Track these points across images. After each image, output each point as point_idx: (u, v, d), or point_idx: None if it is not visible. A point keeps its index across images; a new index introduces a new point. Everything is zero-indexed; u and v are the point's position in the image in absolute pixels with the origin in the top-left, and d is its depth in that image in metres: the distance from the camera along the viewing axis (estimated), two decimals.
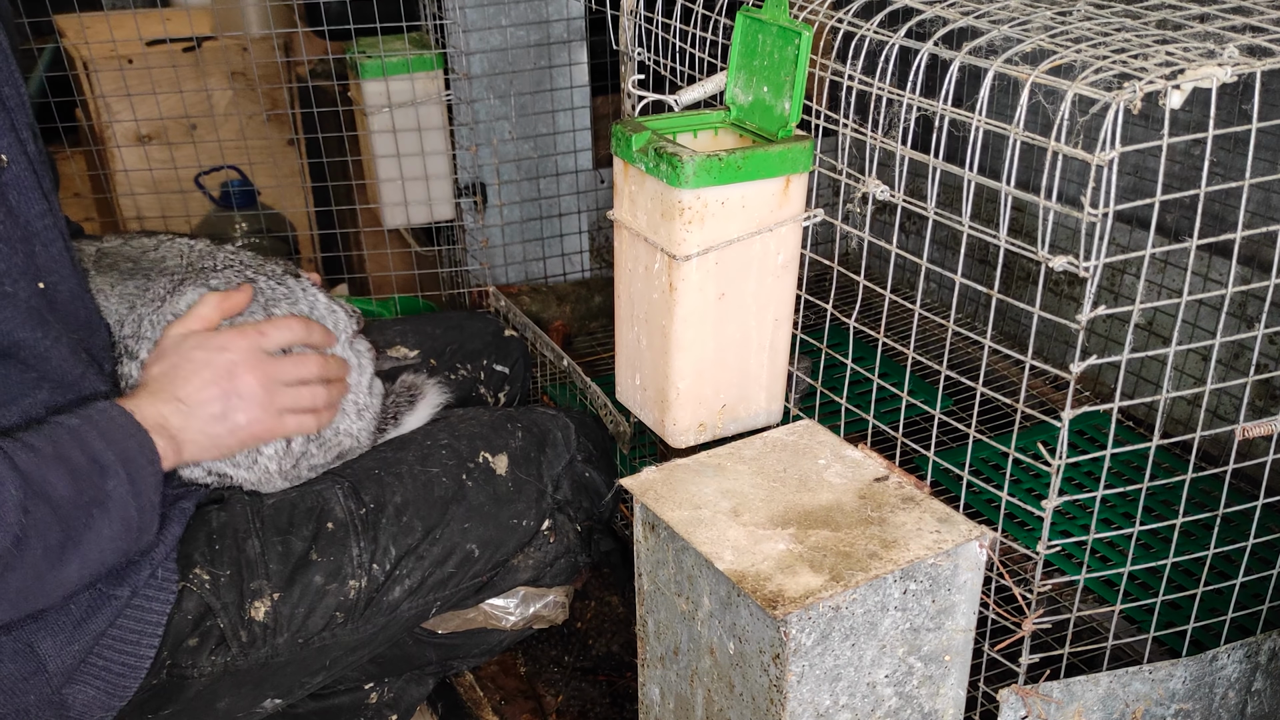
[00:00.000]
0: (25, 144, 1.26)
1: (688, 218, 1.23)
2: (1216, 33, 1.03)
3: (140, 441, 1.22)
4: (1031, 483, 1.94)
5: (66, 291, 1.29)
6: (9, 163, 1.21)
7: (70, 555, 1.14)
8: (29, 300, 1.20)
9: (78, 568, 1.15)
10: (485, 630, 1.53)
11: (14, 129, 1.25)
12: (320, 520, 1.37)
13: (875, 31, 1.18)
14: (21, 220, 1.22)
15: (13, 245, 1.19)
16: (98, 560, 1.17)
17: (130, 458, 1.20)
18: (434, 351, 1.77)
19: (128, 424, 1.22)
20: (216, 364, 1.31)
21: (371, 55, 2.34)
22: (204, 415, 1.29)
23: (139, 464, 1.20)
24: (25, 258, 1.21)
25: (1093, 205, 0.94)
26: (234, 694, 1.36)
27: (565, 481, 1.53)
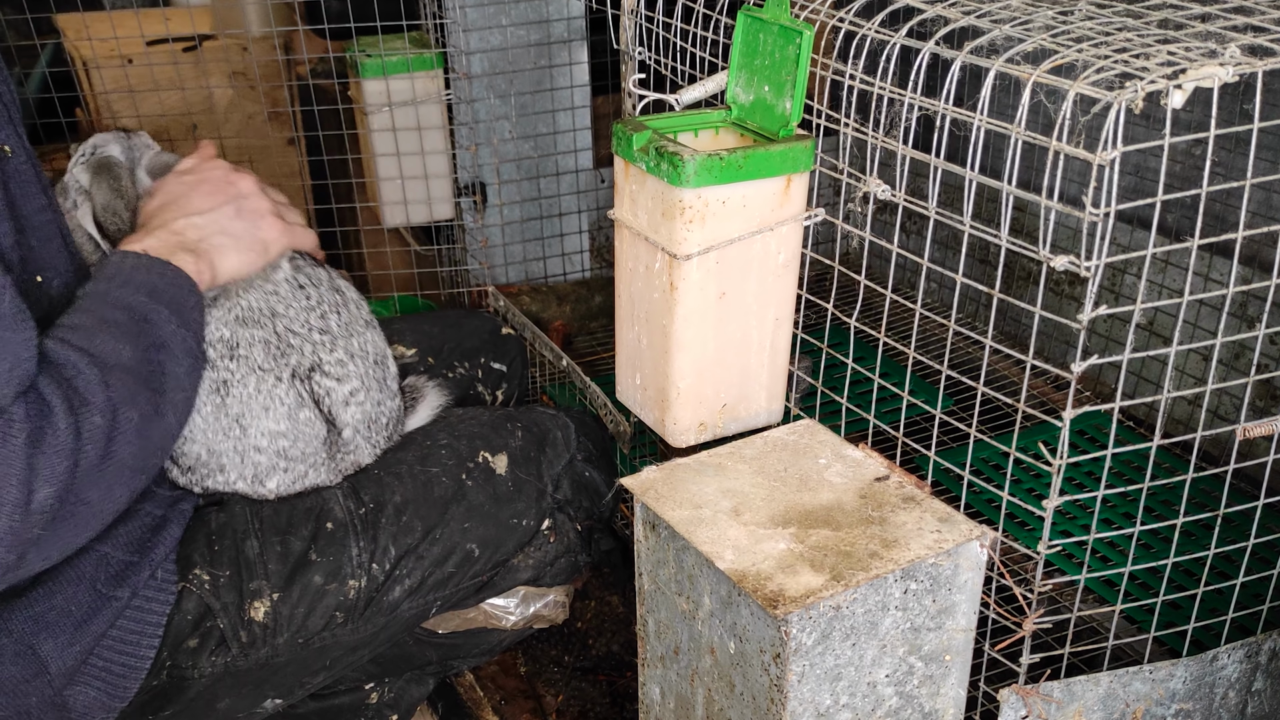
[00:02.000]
0: (24, 138, 1.27)
1: (688, 217, 1.22)
2: (1218, 32, 1.03)
3: (162, 272, 1.23)
4: (1032, 483, 1.94)
5: (60, 286, 1.29)
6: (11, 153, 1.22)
7: (163, 406, 1.17)
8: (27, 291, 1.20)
9: (172, 411, 1.19)
10: (485, 630, 1.53)
11: (12, 122, 1.25)
12: (319, 520, 1.36)
13: (876, 31, 1.18)
14: (20, 213, 1.22)
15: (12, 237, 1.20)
16: (185, 400, 1.21)
17: (160, 292, 1.21)
18: (431, 350, 1.77)
19: (141, 262, 1.22)
20: (212, 178, 1.34)
21: (371, 54, 2.34)
22: (219, 219, 1.31)
23: (173, 295, 1.22)
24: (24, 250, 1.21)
25: (1094, 205, 0.94)
26: (234, 694, 1.36)
27: (565, 481, 1.53)
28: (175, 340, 1.20)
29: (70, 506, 1.10)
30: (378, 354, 1.45)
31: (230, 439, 1.34)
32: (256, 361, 1.34)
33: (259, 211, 1.34)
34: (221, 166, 1.37)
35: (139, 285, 1.21)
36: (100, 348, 1.14)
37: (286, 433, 1.35)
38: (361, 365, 1.41)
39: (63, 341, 1.13)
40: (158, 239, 1.27)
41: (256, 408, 1.34)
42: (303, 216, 1.44)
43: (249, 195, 1.34)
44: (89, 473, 1.09)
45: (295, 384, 1.35)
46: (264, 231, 1.34)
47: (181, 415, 1.21)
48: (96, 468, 1.10)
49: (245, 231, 1.32)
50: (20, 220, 1.22)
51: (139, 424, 1.14)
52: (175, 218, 1.30)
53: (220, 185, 1.34)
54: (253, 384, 1.33)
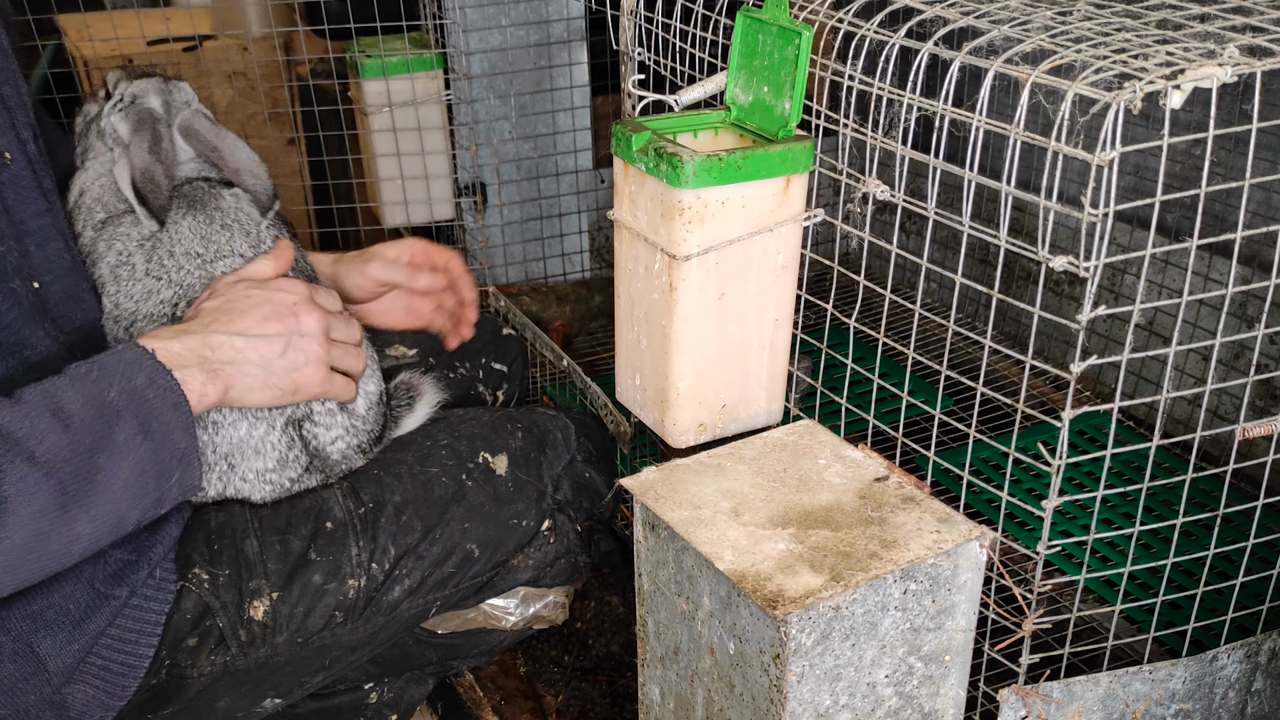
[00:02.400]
0: (25, 144, 1.26)
1: (688, 218, 1.23)
2: (1217, 33, 1.03)
3: (154, 379, 1.14)
4: (1032, 483, 1.94)
5: (60, 292, 1.29)
6: (10, 160, 1.21)
7: (74, 510, 1.07)
8: (27, 297, 1.20)
9: (88, 522, 1.08)
10: (485, 630, 1.53)
11: (14, 127, 1.24)
12: (319, 519, 1.37)
13: (875, 31, 1.18)
14: (16, 219, 1.22)
15: (7, 243, 1.19)
16: (113, 513, 1.10)
17: (137, 396, 1.12)
18: (432, 350, 1.77)
19: (138, 360, 1.14)
20: (279, 301, 1.25)
21: (371, 55, 2.35)
22: (264, 350, 1.23)
23: (153, 405, 1.13)
24: (19, 256, 1.21)
25: (1093, 205, 0.94)
26: (234, 694, 1.36)
27: (565, 482, 1.53)
28: (127, 450, 1.10)
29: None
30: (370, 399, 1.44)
31: (216, 471, 1.34)
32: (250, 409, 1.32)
33: (308, 355, 1.26)
34: (297, 291, 1.28)
35: (120, 382, 1.12)
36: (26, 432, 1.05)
37: (275, 469, 1.35)
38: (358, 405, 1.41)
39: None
40: (183, 344, 1.18)
41: (249, 450, 1.34)
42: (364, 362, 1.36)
43: (307, 334, 1.25)
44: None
45: (288, 430, 1.35)
46: (302, 376, 1.26)
47: (101, 529, 1.10)
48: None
49: (282, 372, 1.24)
50: (18, 226, 1.22)
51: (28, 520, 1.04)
52: (218, 331, 1.21)
53: (283, 313, 1.25)
54: (244, 429, 1.32)
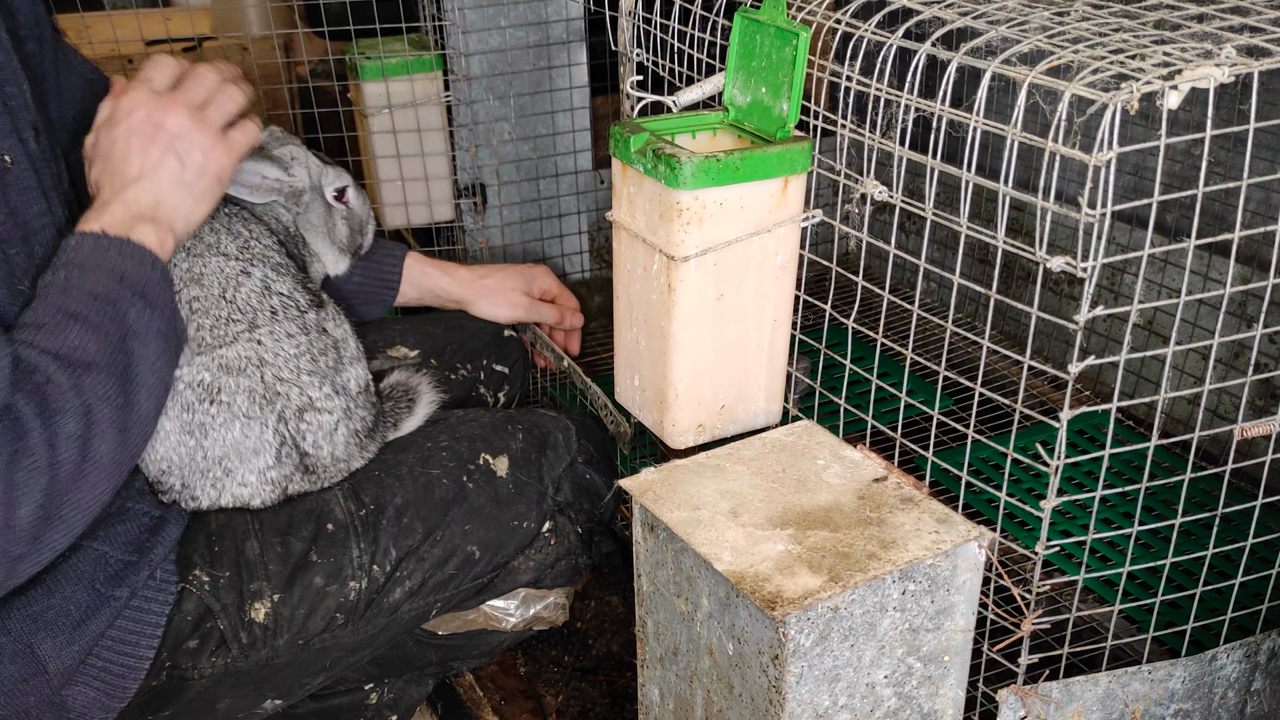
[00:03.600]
0: (27, 143, 1.26)
1: (686, 219, 1.23)
2: (1214, 33, 1.03)
3: (122, 251, 1.18)
4: (1031, 483, 1.94)
5: None
6: (12, 163, 1.21)
7: (136, 394, 1.15)
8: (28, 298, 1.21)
9: (147, 398, 1.17)
10: (485, 632, 1.53)
11: (15, 129, 1.25)
12: (320, 521, 1.37)
13: (873, 32, 1.18)
14: (21, 220, 1.22)
15: (14, 246, 1.20)
16: (159, 382, 1.19)
17: (123, 273, 1.17)
18: (434, 351, 1.77)
19: (100, 243, 1.18)
20: (136, 125, 1.26)
21: (371, 56, 2.35)
22: (166, 176, 1.25)
23: (136, 274, 1.18)
24: (25, 257, 1.22)
25: (1091, 205, 0.94)
26: (234, 695, 1.36)
27: (566, 483, 1.53)
28: (143, 323, 1.17)
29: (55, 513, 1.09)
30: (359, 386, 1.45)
31: (209, 479, 1.34)
32: (241, 409, 1.33)
33: (200, 147, 1.26)
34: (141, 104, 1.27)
35: (102, 270, 1.17)
36: (68, 346, 1.11)
37: (273, 465, 1.36)
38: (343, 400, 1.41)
39: (29, 345, 1.11)
40: (112, 214, 1.22)
41: (246, 451, 1.34)
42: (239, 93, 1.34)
43: (182, 134, 1.26)
44: (70, 479, 1.09)
45: (281, 427, 1.35)
46: (212, 164, 1.27)
47: (157, 398, 1.19)
48: (76, 472, 1.09)
49: (195, 178, 1.26)
50: (24, 228, 1.22)
51: (114, 419, 1.12)
52: (122, 186, 1.24)
53: (151, 133, 1.25)
54: (238, 429, 1.33)
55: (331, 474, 1.41)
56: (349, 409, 1.41)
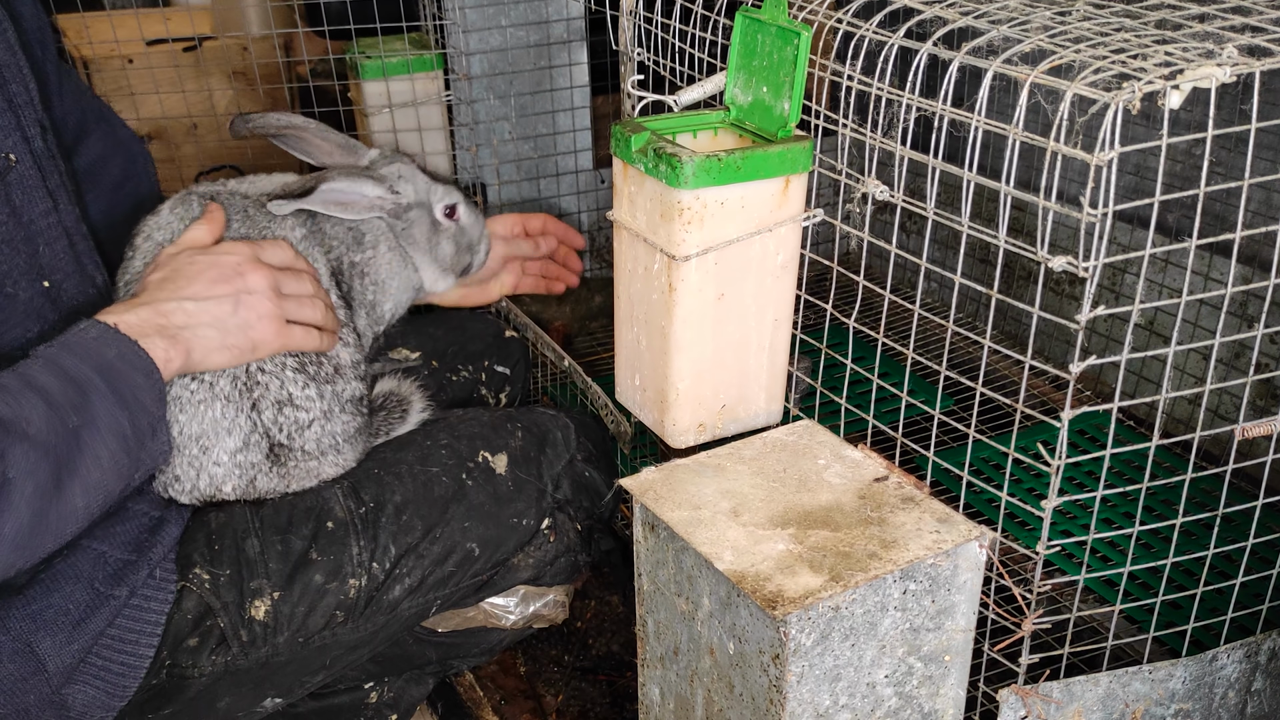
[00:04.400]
0: (32, 141, 1.26)
1: (687, 218, 1.22)
2: (1215, 33, 1.03)
3: (122, 350, 1.17)
4: (1032, 482, 1.94)
5: (72, 289, 1.29)
6: (16, 161, 1.21)
7: (68, 484, 1.11)
8: (29, 301, 1.21)
9: (81, 494, 1.12)
10: (485, 629, 1.54)
11: (20, 128, 1.25)
12: (320, 519, 1.37)
13: (875, 32, 1.18)
14: (25, 219, 1.22)
15: (15, 246, 1.20)
16: (101, 483, 1.14)
17: (109, 368, 1.15)
18: (435, 353, 1.77)
19: (104, 335, 1.17)
20: (223, 263, 1.29)
21: (372, 55, 2.35)
22: (215, 311, 1.26)
23: (123, 374, 1.16)
24: (28, 258, 1.21)
25: (1092, 205, 0.94)
26: (234, 693, 1.36)
27: (565, 481, 1.53)
28: (107, 420, 1.14)
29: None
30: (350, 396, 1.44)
31: (187, 456, 1.34)
32: (224, 390, 1.33)
33: (259, 312, 1.29)
34: (240, 252, 1.31)
35: (91, 357, 1.15)
36: (14, 413, 1.08)
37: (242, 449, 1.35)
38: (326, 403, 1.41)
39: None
40: (138, 316, 1.21)
41: (221, 431, 1.34)
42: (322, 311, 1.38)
43: (255, 291, 1.29)
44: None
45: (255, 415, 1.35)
46: (257, 332, 1.29)
47: (93, 499, 1.14)
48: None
49: (237, 330, 1.27)
50: (27, 228, 1.22)
51: (31, 500, 1.07)
52: (168, 298, 1.24)
53: (228, 274, 1.28)
54: (218, 409, 1.33)
55: (301, 472, 1.40)
56: (330, 412, 1.40)
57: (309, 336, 1.35)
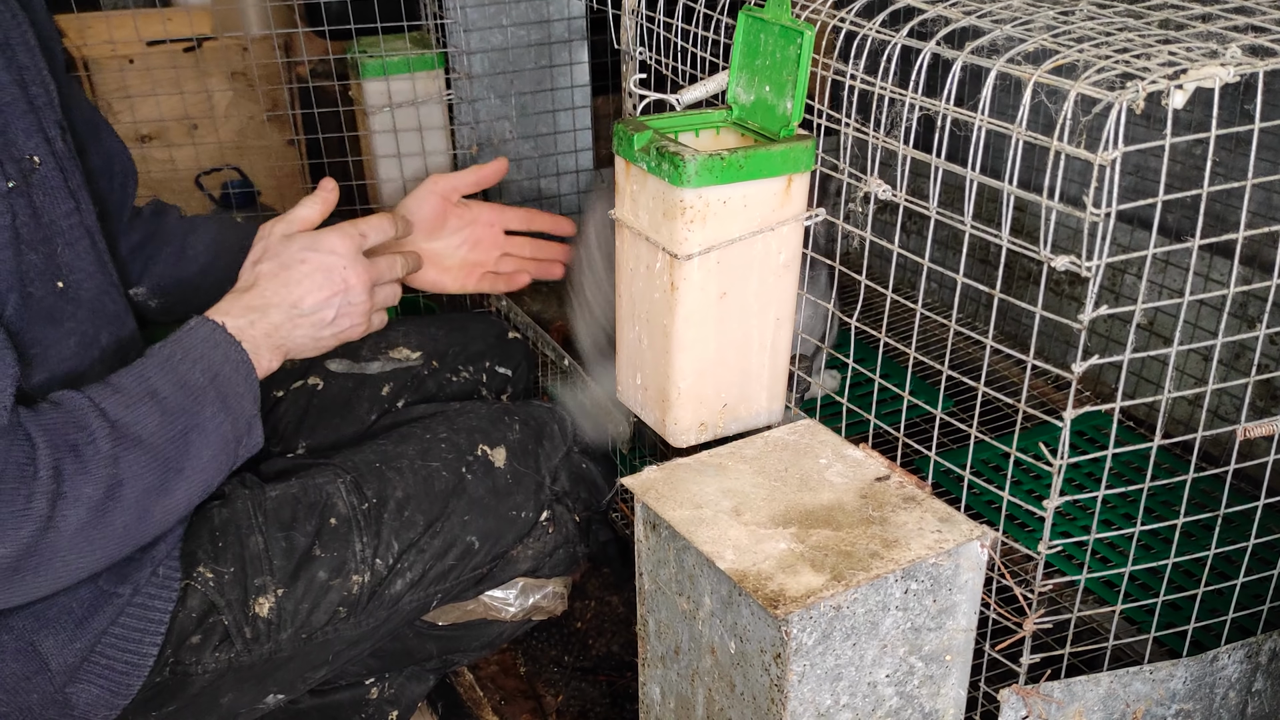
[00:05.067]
0: (53, 143, 1.28)
1: (689, 217, 1.23)
2: (1219, 33, 1.03)
3: (229, 355, 1.24)
4: (1032, 483, 1.94)
5: (93, 288, 1.31)
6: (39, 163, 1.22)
7: (174, 483, 1.18)
8: (42, 300, 1.22)
9: (184, 491, 1.20)
10: (485, 622, 1.54)
11: (41, 129, 1.26)
12: (323, 515, 1.37)
13: (877, 31, 1.18)
14: (45, 220, 1.24)
15: (34, 247, 1.21)
16: (202, 480, 1.22)
17: (218, 374, 1.22)
18: (436, 353, 1.77)
19: (213, 336, 1.24)
20: (330, 267, 1.34)
21: (372, 55, 2.34)
22: (316, 320, 1.32)
23: (231, 380, 1.23)
24: (46, 259, 1.23)
25: (1095, 205, 0.94)
26: (237, 690, 1.36)
27: (563, 473, 1.53)
28: (213, 425, 1.21)
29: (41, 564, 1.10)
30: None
31: None
32: None
33: (353, 317, 1.36)
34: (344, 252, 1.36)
35: (204, 364, 1.22)
36: (131, 419, 1.15)
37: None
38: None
39: (94, 404, 1.14)
40: (247, 320, 1.27)
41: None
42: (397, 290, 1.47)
43: (354, 300, 1.35)
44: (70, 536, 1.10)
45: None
46: (347, 334, 1.37)
47: (194, 494, 1.21)
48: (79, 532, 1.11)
49: (329, 335, 1.35)
50: (47, 229, 1.23)
51: (140, 499, 1.14)
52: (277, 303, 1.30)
53: (334, 281, 1.34)
54: None
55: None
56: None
57: (382, 319, 1.45)
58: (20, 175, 1.20)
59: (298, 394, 1.71)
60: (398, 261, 1.46)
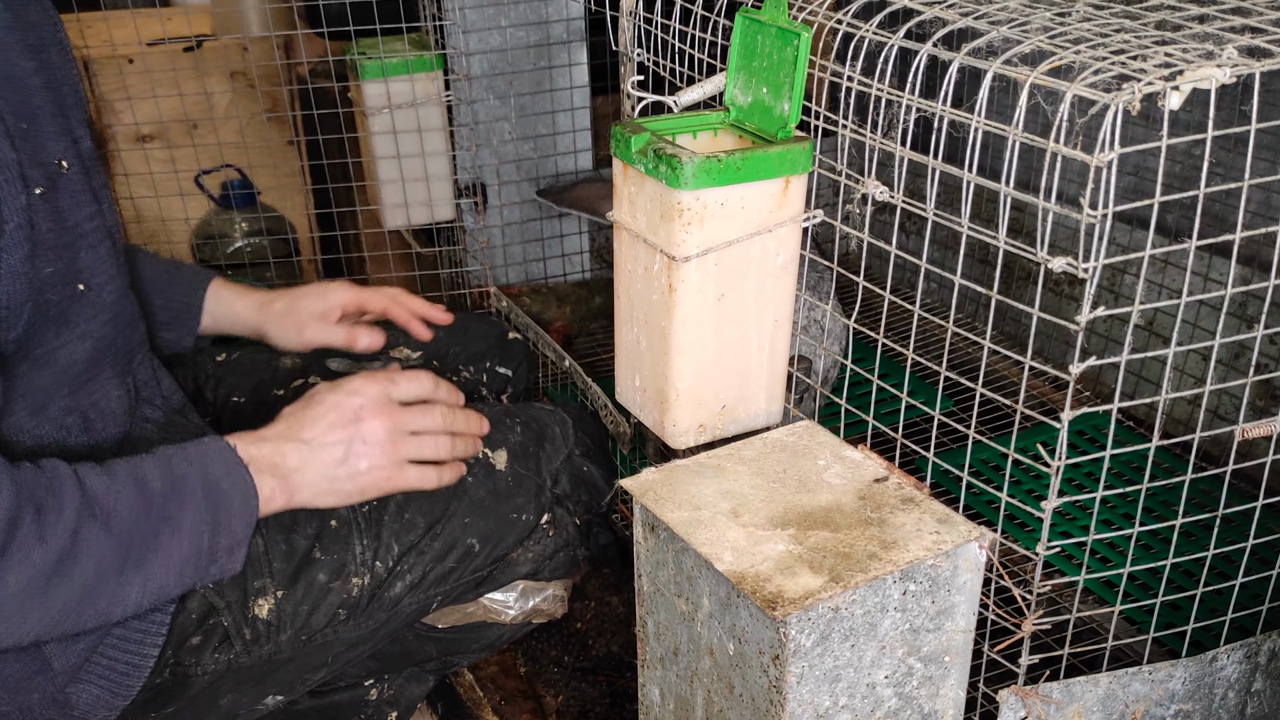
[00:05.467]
0: (80, 143, 1.28)
1: (687, 219, 1.23)
2: (1215, 34, 1.03)
3: (231, 471, 1.21)
4: (1031, 484, 1.94)
5: (114, 291, 1.31)
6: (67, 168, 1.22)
7: (130, 575, 1.14)
8: (59, 304, 1.22)
9: (138, 588, 1.15)
10: (485, 624, 1.54)
11: (69, 130, 1.26)
12: (323, 518, 1.37)
13: (874, 32, 1.18)
14: (69, 224, 1.23)
15: (58, 252, 1.21)
16: (162, 584, 1.17)
17: (216, 485, 1.19)
18: (437, 354, 1.77)
19: (222, 454, 1.22)
20: (345, 407, 1.31)
21: (371, 56, 2.35)
22: (326, 458, 1.28)
23: (225, 494, 1.20)
24: (68, 263, 1.23)
25: (1092, 206, 0.94)
26: (236, 691, 1.36)
27: (564, 475, 1.53)
28: (191, 531, 1.17)
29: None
30: None
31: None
32: None
33: (370, 460, 1.30)
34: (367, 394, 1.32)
35: (201, 466, 1.20)
36: (108, 498, 1.12)
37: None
38: None
39: (75, 474, 1.12)
40: (259, 449, 1.25)
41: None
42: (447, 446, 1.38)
43: (369, 440, 1.30)
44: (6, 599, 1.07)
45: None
46: (365, 479, 1.31)
47: (147, 596, 1.16)
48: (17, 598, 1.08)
49: (344, 477, 1.30)
50: (70, 232, 1.23)
51: (91, 581, 1.11)
52: (290, 437, 1.28)
53: (346, 420, 1.30)
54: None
55: None
56: None
57: (425, 476, 1.36)
58: (47, 181, 1.19)
59: (297, 393, 1.71)
60: (436, 411, 1.37)
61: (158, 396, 1.45)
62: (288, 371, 1.74)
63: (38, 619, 1.10)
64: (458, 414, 1.40)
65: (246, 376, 1.73)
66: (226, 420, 1.69)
